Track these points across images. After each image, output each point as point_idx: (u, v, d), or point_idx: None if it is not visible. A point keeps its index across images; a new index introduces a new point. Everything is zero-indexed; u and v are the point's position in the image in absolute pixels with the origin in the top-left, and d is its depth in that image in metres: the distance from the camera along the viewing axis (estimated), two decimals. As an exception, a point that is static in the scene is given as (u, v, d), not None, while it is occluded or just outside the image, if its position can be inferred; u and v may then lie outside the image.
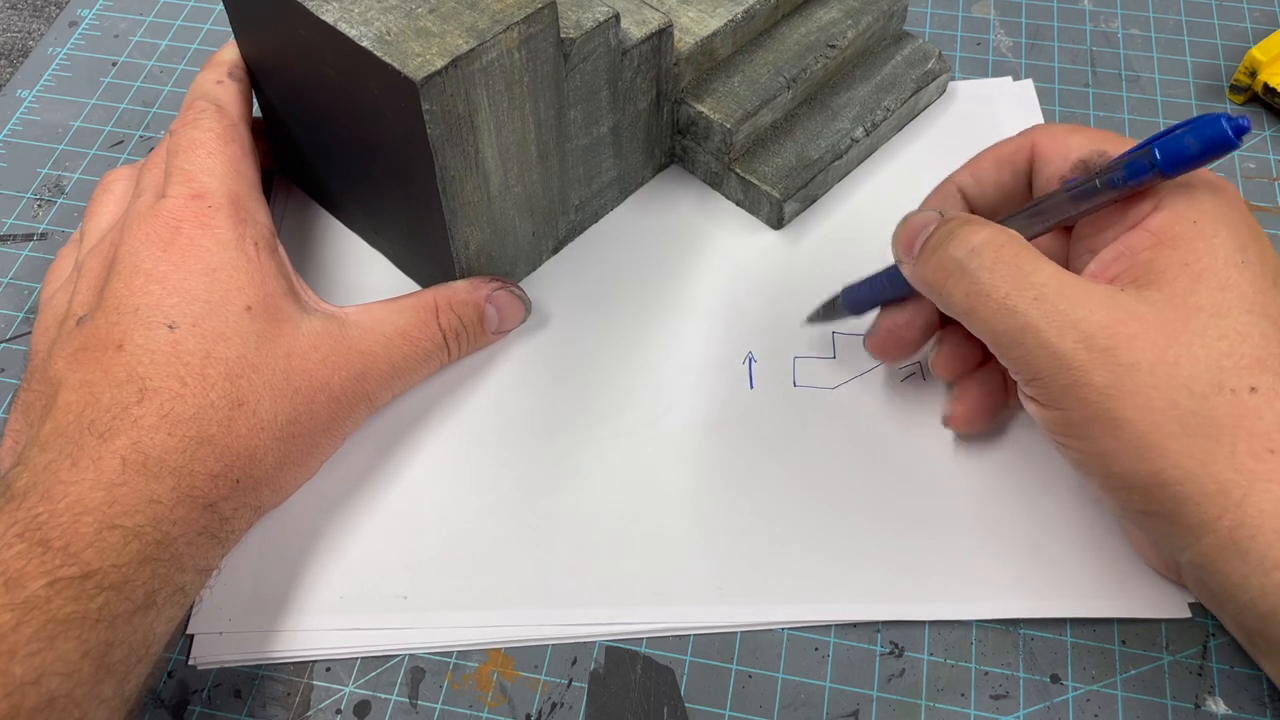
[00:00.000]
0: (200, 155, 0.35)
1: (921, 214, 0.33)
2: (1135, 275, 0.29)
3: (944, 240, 0.31)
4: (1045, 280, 0.29)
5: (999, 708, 0.31)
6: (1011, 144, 0.34)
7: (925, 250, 0.32)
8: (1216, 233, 0.29)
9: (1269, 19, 0.51)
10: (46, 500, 0.27)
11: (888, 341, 0.35)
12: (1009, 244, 0.30)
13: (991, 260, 0.30)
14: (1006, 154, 0.34)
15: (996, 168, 0.34)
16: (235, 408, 0.31)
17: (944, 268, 0.31)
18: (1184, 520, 0.28)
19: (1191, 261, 0.29)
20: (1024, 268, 0.29)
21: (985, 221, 0.31)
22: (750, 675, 0.32)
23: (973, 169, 0.35)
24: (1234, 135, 0.27)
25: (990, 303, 0.29)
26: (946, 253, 0.31)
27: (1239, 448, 0.27)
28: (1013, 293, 0.29)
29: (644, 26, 0.38)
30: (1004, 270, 0.29)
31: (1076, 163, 0.32)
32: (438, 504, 0.35)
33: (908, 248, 0.33)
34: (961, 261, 0.30)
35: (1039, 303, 0.29)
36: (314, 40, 0.32)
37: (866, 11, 0.44)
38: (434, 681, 0.32)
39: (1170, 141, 0.29)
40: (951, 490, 0.35)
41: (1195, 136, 0.28)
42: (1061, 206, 0.31)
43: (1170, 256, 0.29)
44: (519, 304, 0.38)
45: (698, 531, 0.34)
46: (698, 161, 0.43)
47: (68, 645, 0.25)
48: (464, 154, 0.33)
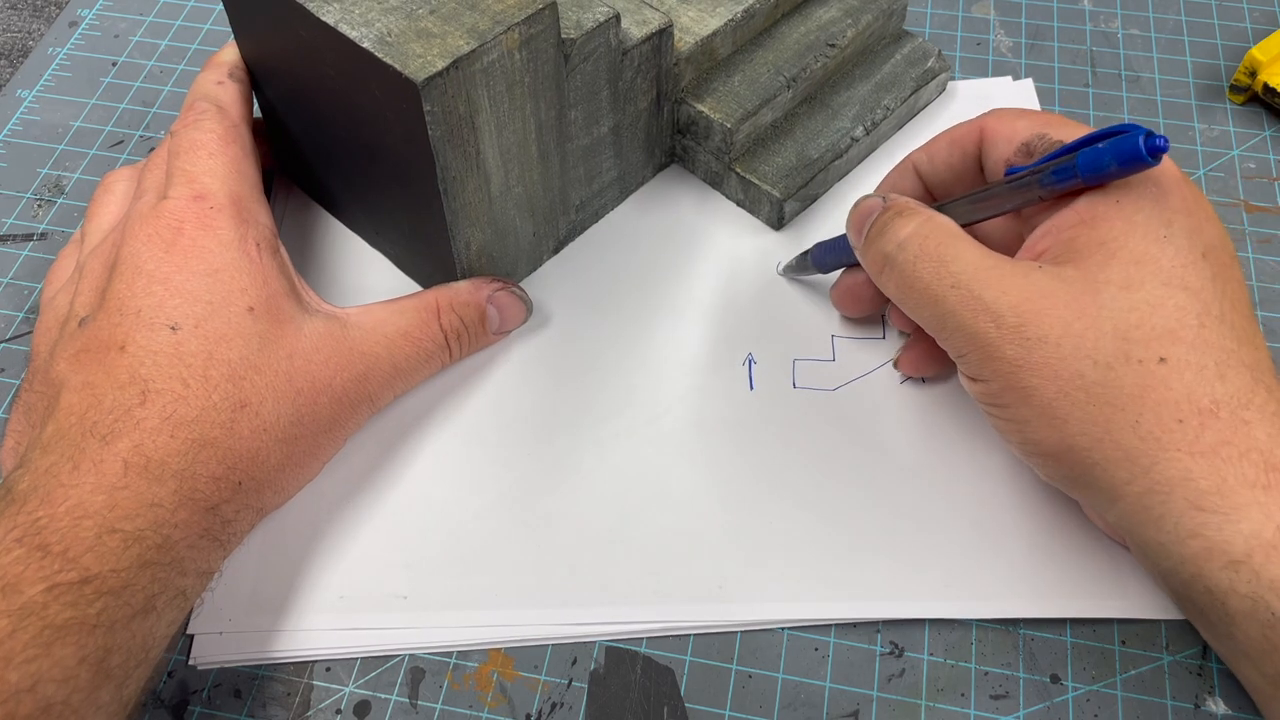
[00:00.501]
0: (202, 156, 0.35)
1: (868, 200, 0.34)
2: (1057, 253, 0.31)
3: (879, 233, 0.33)
4: (961, 269, 0.30)
5: (999, 708, 0.32)
6: (964, 127, 0.35)
7: (866, 240, 0.34)
8: (1139, 209, 0.30)
9: (1269, 19, 0.51)
10: (47, 504, 0.27)
11: (846, 296, 0.38)
12: (932, 235, 0.32)
13: (915, 253, 0.31)
14: (959, 136, 0.36)
15: (949, 149, 0.36)
16: (238, 409, 0.31)
17: (878, 261, 0.33)
18: (1097, 485, 0.29)
19: (1108, 239, 0.30)
20: (944, 258, 0.31)
21: (915, 212, 0.33)
22: (750, 675, 0.32)
23: (928, 149, 0.37)
24: (1148, 155, 0.29)
25: (915, 293, 0.31)
26: (879, 247, 0.33)
27: (1145, 417, 0.28)
28: (933, 283, 0.31)
29: (644, 26, 0.38)
30: (925, 262, 0.31)
31: (1020, 146, 0.33)
32: (438, 504, 0.35)
33: (857, 232, 0.34)
34: (891, 255, 0.32)
35: (955, 290, 0.30)
36: (315, 41, 0.32)
37: (866, 10, 0.44)
38: (434, 681, 0.32)
39: (1090, 154, 0.30)
40: (951, 490, 0.35)
41: (1113, 154, 0.29)
42: (1001, 197, 0.33)
43: (1089, 235, 0.30)
44: (520, 304, 0.38)
45: (698, 531, 0.34)
46: (698, 161, 0.43)
47: (65, 651, 0.25)
48: (465, 155, 0.33)
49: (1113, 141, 0.29)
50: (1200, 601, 0.28)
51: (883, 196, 0.34)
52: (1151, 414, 0.28)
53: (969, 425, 0.37)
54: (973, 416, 0.37)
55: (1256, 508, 0.27)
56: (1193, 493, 0.28)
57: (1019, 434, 0.31)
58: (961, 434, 0.36)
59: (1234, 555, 0.27)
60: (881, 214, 0.33)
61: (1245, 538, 0.27)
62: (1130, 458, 0.28)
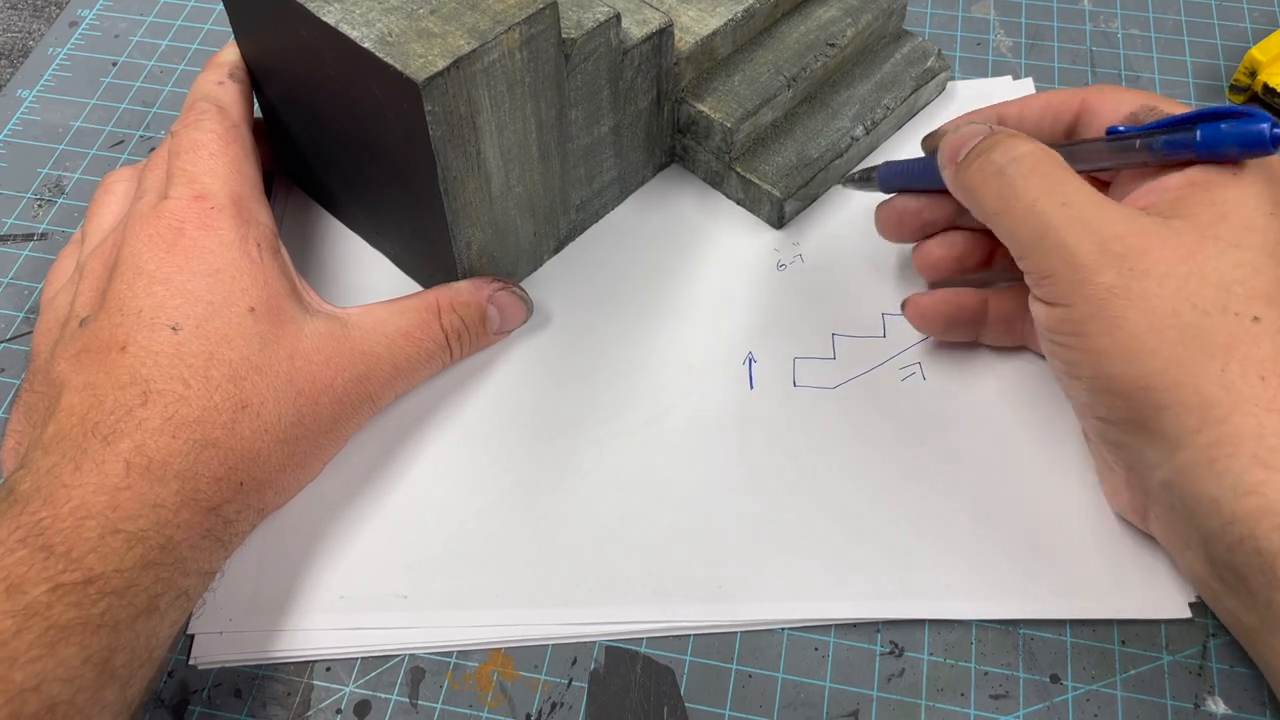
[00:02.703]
0: (202, 156, 0.35)
1: (974, 125, 0.34)
2: (1164, 208, 0.31)
3: (989, 148, 0.32)
4: (1074, 190, 0.30)
5: (999, 708, 0.32)
6: (1062, 95, 0.35)
7: (969, 156, 0.33)
8: (1254, 182, 0.30)
9: (1269, 19, 0.51)
10: (49, 505, 0.27)
11: (891, 218, 0.38)
12: (1048, 158, 0.31)
13: (1029, 168, 0.31)
14: (1056, 103, 0.35)
15: (1041, 113, 0.36)
16: (239, 410, 0.31)
17: (984, 171, 0.32)
18: (1162, 430, 0.29)
19: (1220, 202, 0.30)
20: (1058, 177, 0.31)
21: (1031, 138, 0.32)
22: (750, 675, 0.32)
23: (1020, 106, 0.36)
24: (1271, 144, 0.29)
25: (1019, 205, 0.31)
26: (989, 158, 0.32)
27: (1231, 367, 0.28)
28: (1042, 197, 0.30)
29: (644, 26, 0.38)
30: (1038, 178, 0.31)
31: (1127, 115, 0.33)
32: (438, 504, 0.35)
33: (954, 155, 0.34)
34: (1001, 167, 0.32)
35: (1065, 208, 0.30)
36: (315, 41, 0.32)
37: (866, 10, 0.44)
38: (434, 681, 0.32)
39: (1212, 130, 0.30)
40: (951, 490, 0.35)
41: (1236, 136, 0.30)
42: (1098, 153, 0.32)
43: (1201, 195, 0.30)
44: (521, 304, 0.38)
45: (698, 531, 0.34)
46: (698, 161, 0.43)
47: (69, 651, 0.25)
48: (466, 154, 0.33)
49: (1238, 123, 0.30)
50: (1244, 565, 0.28)
51: (988, 124, 0.34)
52: (1238, 366, 0.28)
53: (970, 423, 0.37)
54: (973, 416, 0.37)
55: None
56: (1262, 449, 0.28)
57: (1093, 365, 0.30)
58: (962, 433, 0.36)
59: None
60: (991, 135, 0.33)
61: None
62: (1206, 404, 0.28)
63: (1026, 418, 0.37)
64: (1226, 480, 0.28)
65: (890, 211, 0.38)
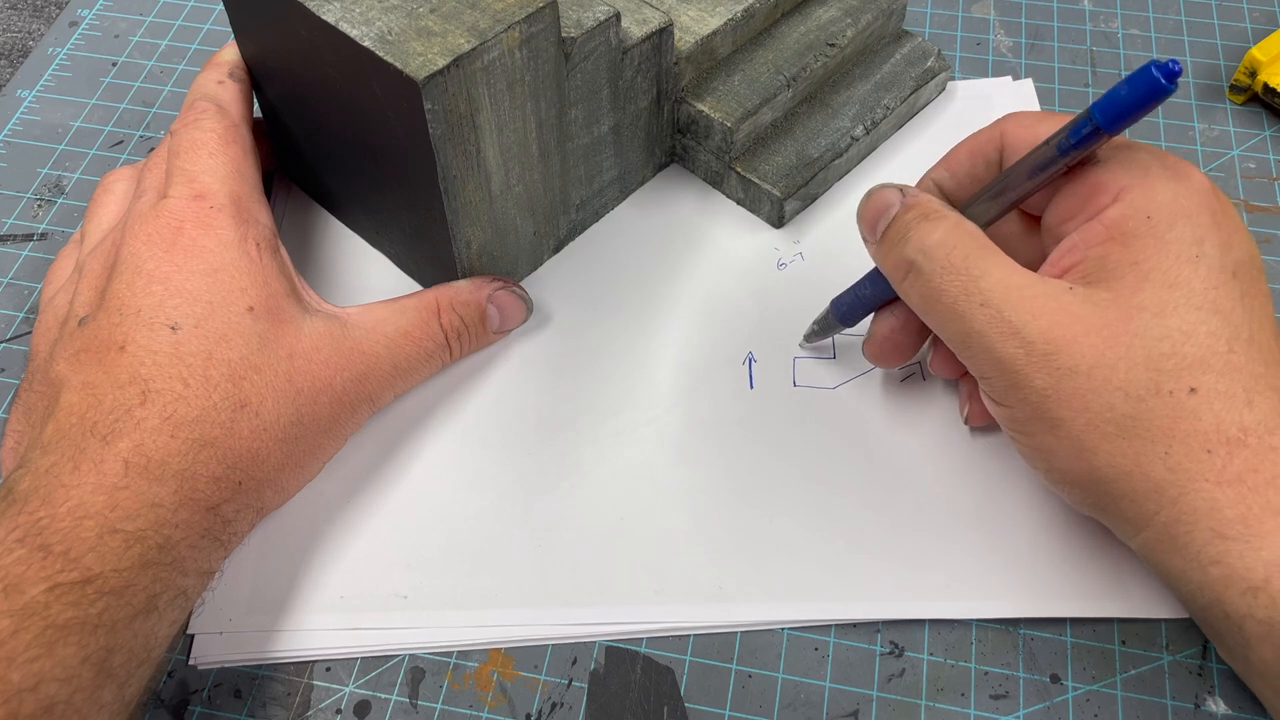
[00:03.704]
0: (202, 156, 0.35)
1: (884, 191, 0.33)
2: (1086, 272, 0.30)
3: (902, 236, 0.31)
4: (992, 286, 0.29)
5: (999, 708, 0.31)
6: (983, 135, 0.34)
7: (885, 241, 0.32)
8: (1171, 227, 0.29)
9: (1269, 19, 0.51)
10: (48, 504, 0.27)
11: (884, 347, 0.35)
12: (960, 244, 0.30)
13: (943, 264, 0.30)
14: (979, 145, 0.34)
15: (970, 160, 0.34)
16: (238, 409, 0.31)
17: (900, 267, 0.31)
18: (1123, 515, 0.29)
19: (1141, 260, 0.29)
20: (973, 271, 0.30)
21: (942, 215, 0.31)
22: (750, 675, 0.32)
23: (948, 164, 0.35)
24: (1165, 80, 0.27)
25: (940, 307, 0.30)
26: (902, 253, 0.31)
27: (1174, 449, 0.28)
28: (960, 298, 0.30)
29: (644, 26, 0.38)
30: (952, 275, 0.30)
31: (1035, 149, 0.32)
32: (438, 504, 0.35)
33: (871, 228, 0.33)
34: (916, 263, 0.31)
35: (984, 309, 0.29)
36: (315, 40, 0.32)
37: (866, 10, 0.44)
38: (434, 681, 0.32)
39: (1105, 96, 0.28)
40: (951, 490, 0.35)
41: (1127, 86, 0.28)
42: (1019, 181, 0.31)
43: (1120, 254, 0.29)
44: (520, 304, 0.38)
45: (698, 531, 0.34)
46: (698, 160, 0.43)
47: (67, 651, 0.25)
48: (465, 153, 0.33)
49: (1127, 77, 0.28)
50: (1218, 625, 0.28)
51: (900, 188, 0.32)
52: (1181, 445, 0.28)
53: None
54: (973, 416, 0.37)
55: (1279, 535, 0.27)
56: (1218, 521, 0.28)
57: (1045, 462, 0.30)
58: (962, 432, 0.36)
59: (1253, 581, 0.27)
60: (903, 214, 0.31)
61: (1265, 564, 0.27)
62: (1158, 489, 0.28)
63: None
64: (1189, 553, 0.28)
65: (880, 343, 0.35)
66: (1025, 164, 0.31)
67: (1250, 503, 0.27)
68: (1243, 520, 0.27)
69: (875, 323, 0.35)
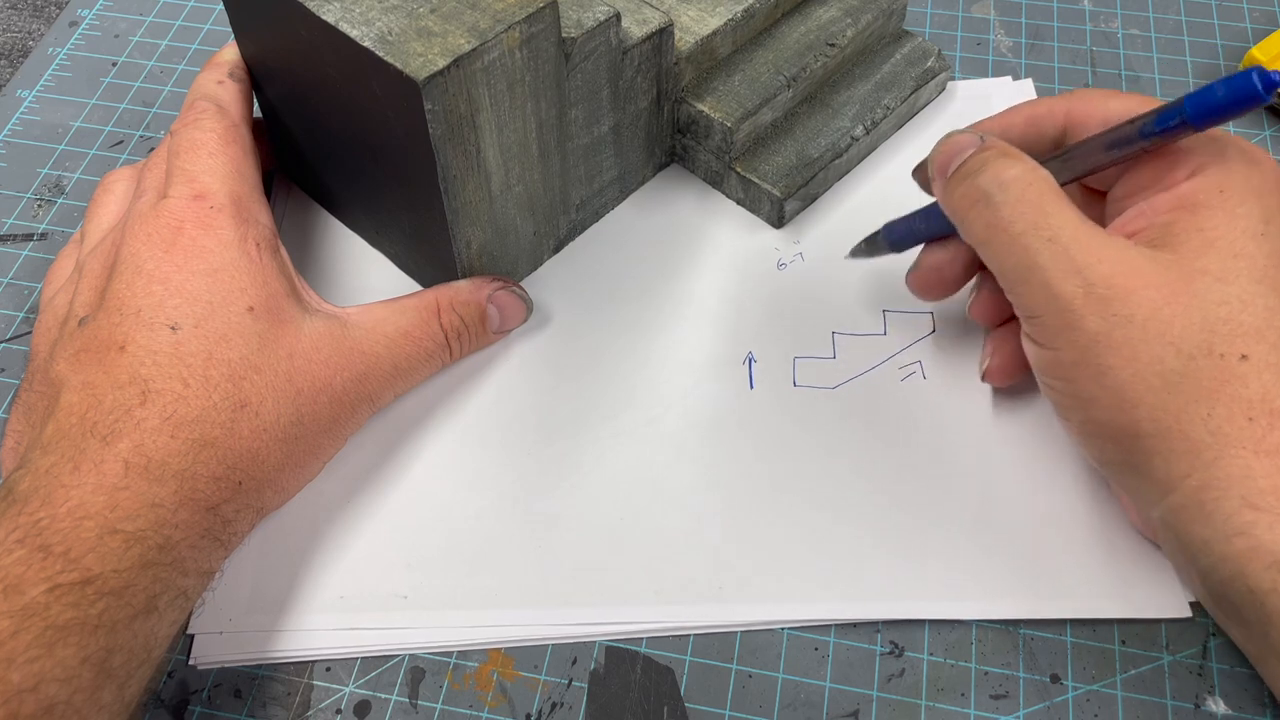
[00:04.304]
0: (202, 156, 0.35)
1: (964, 134, 0.33)
2: (1152, 236, 0.30)
3: (977, 169, 0.31)
4: (1062, 224, 0.29)
5: (999, 708, 0.32)
6: (1045, 106, 0.34)
7: (957, 175, 0.32)
8: (1242, 202, 0.29)
9: (1269, 19, 0.51)
10: (47, 505, 0.27)
11: (930, 278, 0.36)
12: (1036, 183, 0.30)
13: (1016, 196, 0.30)
14: (1038, 116, 0.34)
15: (1025, 128, 0.34)
16: (238, 409, 0.31)
17: (970, 196, 0.31)
18: (1152, 474, 0.29)
19: (1208, 228, 0.29)
20: (1046, 208, 0.30)
21: (1021, 156, 0.31)
22: (750, 675, 0.32)
23: (1002, 123, 0.35)
24: (1263, 89, 0.27)
25: (1006, 237, 0.30)
26: (975, 182, 0.31)
27: (1217, 411, 0.28)
28: (1028, 230, 0.30)
29: (644, 26, 0.38)
30: (1025, 208, 0.30)
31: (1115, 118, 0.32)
32: (438, 504, 0.35)
33: (943, 167, 0.33)
34: (988, 193, 0.31)
35: (1051, 244, 0.29)
36: (315, 41, 0.32)
37: (866, 10, 0.44)
38: (434, 681, 0.32)
39: (1200, 92, 0.29)
40: (951, 490, 0.35)
41: (1225, 87, 0.28)
42: (1093, 154, 0.31)
43: (1188, 221, 0.30)
44: (520, 304, 0.38)
45: (698, 531, 0.34)
46: (698, 160, 0.43)
47: (67, 651, 0.25)
48: (466, 154, 0.33)
49: (1226, 79, 0.28)
50: (1238, 601, 0.28)
51: (980, 135, 0.32)
52: (1224, 409, 0.28)
53: (970, 424, 0.37)
54: (974, 416, 0.37)
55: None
56: (1250, 491, 0.27)
57: (1081, 411, 0.30)
58: (962, 432, 0.36)
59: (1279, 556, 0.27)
60: (981, 150, 0.32)
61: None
62: (1195, 450, 0.28)
63: (1026, 417, 0.37)
64: (1216, 522, 0.28)
65: (926, 274, 0.36)
66: (1102, 139, 0.31)
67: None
68: (1275, 492, 0.27)
69: (924, 254, 0.36)
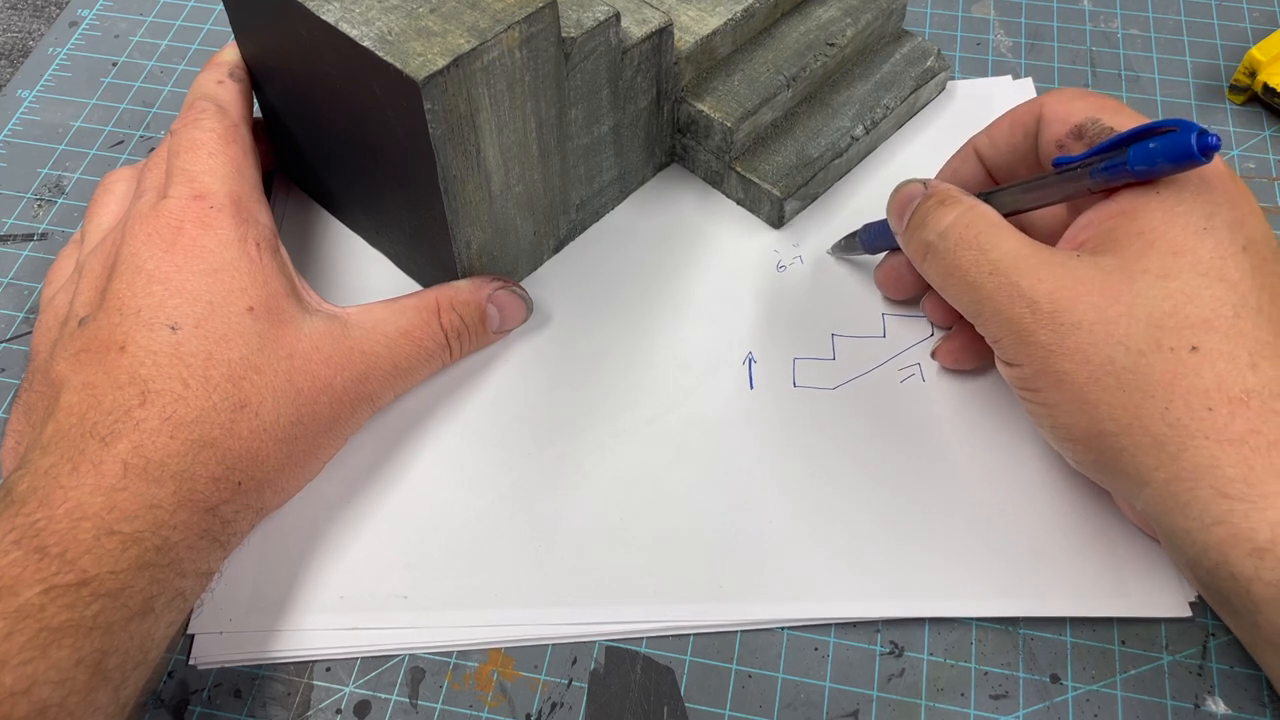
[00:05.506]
0: (202, 156, 0.35)
1: (909, 185, 0.35)
2: (1097, 243, 0.31)
3: (920, 222, 0.34)
4: (1000, 255, 0.31)
5: (999, 708, 0.31)
6: (1025, 106, 0.36)
7: (908, 228, 0.34)
8: (1180, 200, 0.30)
9: (1269, 19, 0.51)
10: (45, 506, 0.27)
11: (891, 275, 0.39)
12: (973, 223, 0.32)
13: (955, 241, 0.32)
14: (1019, 116, 0.36)
15: (1010, 130, 0.36)
16: (238, 410, 0.31)
17: (919, 250, 0.34)
18: (1124, 471, 0.30)
19: (1147, 230, 0.30)
20: (984, 246, 0.32)
21: (957, 200, 0.33)
22: (750, 675, 0.32)
23: (990, 132, 0.37)
24: (1200, 154, 0.29)
25: (954, 279, 0.32)
26: (920, 236, 0.34)
27: (1174, 404, 0.28)
28: (971, 269, 0.32)
29: (644, 25, 0.38)
30: (965, 249, 0.32)
31: (1073, 127, 0.33)
32: (438, 504, 0.35)
33: (898, 219, 0.35)
34: (933, 244, 0.33)
35: (993, 276, 0.31)
36: (315, 40, 0.32)
37: (865, 10, 0.44)
38: (434, 681, 0.32)
39: (1141, 150, 0.30)
40: (951, 490, 0.35)
41: (1164, 153, 0.29)
42: (1050, 188, 0.33)
43: (1129, 225, 0.30)
44: (520, 303, 0.38)
45: (698, 531, 0.34)
46: (698, 160, 0.43)
47: (61, 653, 0.25)
48: (465, 153, 0.33)
49: (1164, 139, 0.29)
50: (1225, 589, 0.28)
51: (923, 182, 0.35)
52: (1181, 401, 0.28)
53: (969, 424, 0.37)
54: (973, 415, 0.37)
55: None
56: (1219, 480, 0.28)
57: (1050, 418, 0.31)
58: (962, 432, 0.36)
59: (1259, 543, 0.27)
60: (923, 202, 0.34)
61: (1271, 525, 0.27)
62: (1158, 444, 0.29)
63: (1025, 418, 0.37)
64: (1192, 512, 0.28)
65: (886, 274, 0.39)
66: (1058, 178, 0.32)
67: (1253, 463, 0.28)
68: (1245, 480, 0.27)
69: (890, 255, 0.39)
